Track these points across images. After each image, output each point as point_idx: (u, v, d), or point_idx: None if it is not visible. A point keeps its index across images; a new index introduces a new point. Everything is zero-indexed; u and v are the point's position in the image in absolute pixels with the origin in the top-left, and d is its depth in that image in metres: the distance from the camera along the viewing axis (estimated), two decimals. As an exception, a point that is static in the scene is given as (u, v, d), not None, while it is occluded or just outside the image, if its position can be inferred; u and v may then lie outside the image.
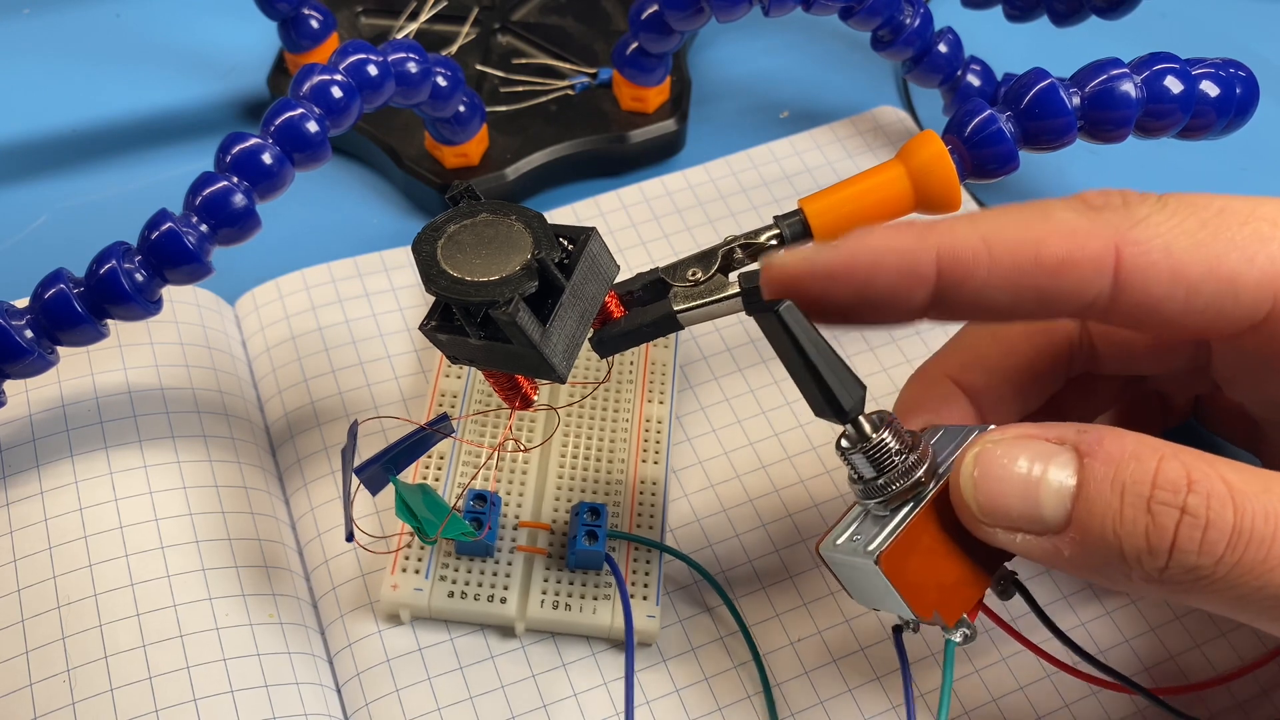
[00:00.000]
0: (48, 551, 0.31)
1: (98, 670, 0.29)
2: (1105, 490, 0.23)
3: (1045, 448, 0.24)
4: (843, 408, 0.25)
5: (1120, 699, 0.31)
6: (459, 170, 0.42)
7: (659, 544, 0.33)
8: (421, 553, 0.32)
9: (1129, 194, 0.26)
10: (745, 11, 0.37)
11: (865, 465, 0.26)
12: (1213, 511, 0.22)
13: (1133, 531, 0.23)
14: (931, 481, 0.26)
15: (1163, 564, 0.23)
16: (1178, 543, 0.22)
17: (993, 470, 0.24)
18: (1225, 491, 0.22)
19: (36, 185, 0.44)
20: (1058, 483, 0.24)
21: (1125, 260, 0.24)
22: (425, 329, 0.27)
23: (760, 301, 0.26)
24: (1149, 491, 0.23)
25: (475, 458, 0.34)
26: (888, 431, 0.26)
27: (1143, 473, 0.23)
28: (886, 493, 0.26)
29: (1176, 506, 0.22)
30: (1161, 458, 0.23)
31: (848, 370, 0.25)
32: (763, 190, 0.43)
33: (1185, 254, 0.24)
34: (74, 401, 0.34)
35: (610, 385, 0.36)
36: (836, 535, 0.27)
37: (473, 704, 0.31)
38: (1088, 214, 0.25)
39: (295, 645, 0.31)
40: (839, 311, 0.26)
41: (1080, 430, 0.24)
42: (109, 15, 0.50)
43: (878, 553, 0.25)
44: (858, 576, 0.26)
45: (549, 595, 0.32)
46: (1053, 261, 0.25)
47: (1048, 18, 0.41)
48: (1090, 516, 0.23)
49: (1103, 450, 0.23)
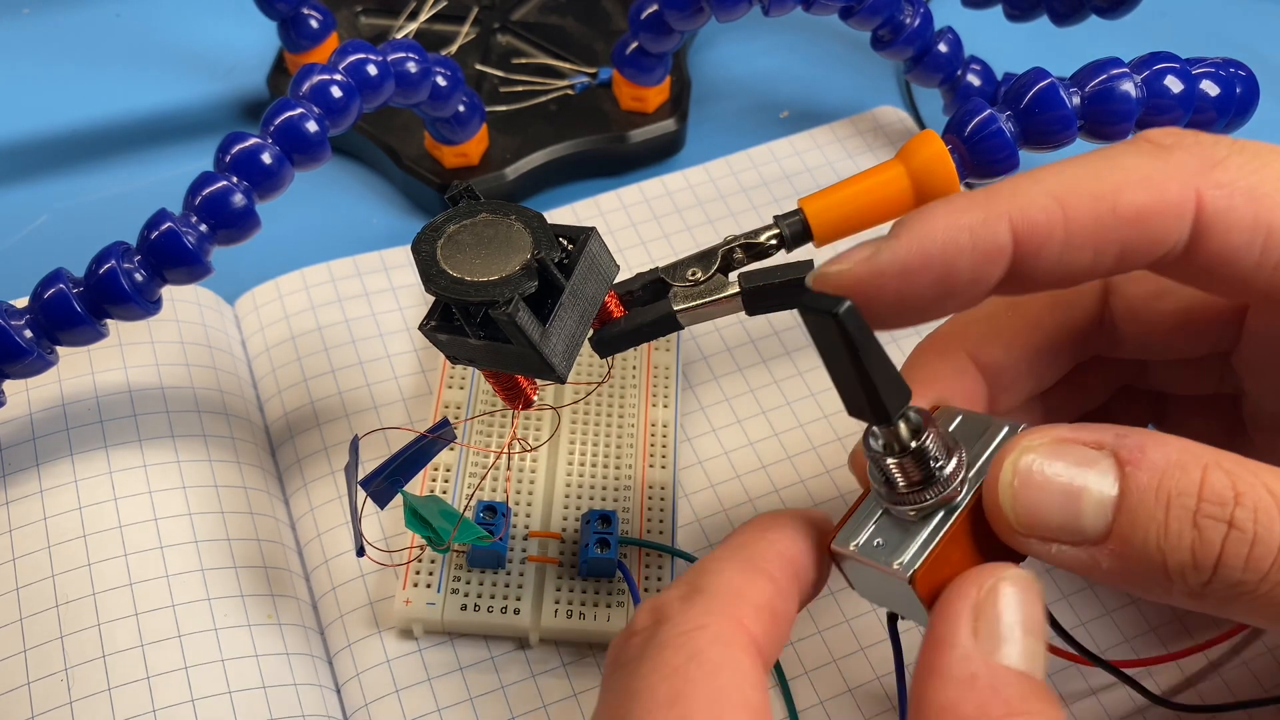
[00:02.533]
0: (46, 550, 0.31)
1: (95, 669, 0.29)
2: (1150, 501, 0.22)
3: (1085, 453, 0.23)
4: (887, 413, 0.23)
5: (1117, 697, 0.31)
6: (459, 170, 0.42)
7: (671, 548, 0.33)
8: (432, 566, 0.32)
9: (1200, 135, 0.24)
10: (745, 11, 0.37)
11: (899, 472, 0.24)
12: (1260, 526, 0.21)
13: (1178, 545, 0.22)
14: (965, 489, 0.24)
15: (1206, 579, 0.22)
16: (1223, 559, 0.21)
17: (1032, 480, 0.23)
18: (1271, 503, 0.21)
19: (36, 185, 0.44)
20: (1099, 492, 0.22)
21: (1207, 204, 0.23)
22: (425, 329, 0.27)
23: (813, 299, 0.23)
24: (1195, 504, 0.21)
25: (481, 468, 0.34)
26: (930, 437, 0.24)
27: (1189, 484, 0.22)
28: (920, 501, 0.24)
29: (1224, 520, 0.21)
30: (1206, 467, 0.22)
31: (895, 372, 0.23)
32: (762, 190, 0.43)
33: (1269, 201, 0.23)
34: (74, 400, 0.34)
35: (614, 390, 0.36)
36: (853, 533, 0.25)
37: (473, 705, 0.31)
38: (1160, 155, 0.23)
39: (293, 646, 0.31)
40: (916, 311, 0.24)
41: (1120, 434, 0.23)
42: (109, 15, 0.50)
43: (912, 571, 0.23)
44: (877, 582, 0.25)
45: (562, 604, 0.32)
46: (1131, 211, 0.23)
47: (1048, 17, 0.41)
48: (1133, 529, 0.22)
49: (1146, 459, 0.22)
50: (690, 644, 0.22)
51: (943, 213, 0.23)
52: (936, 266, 0.23)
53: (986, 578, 0.23)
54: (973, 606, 0.22)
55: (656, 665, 0.22)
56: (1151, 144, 0.24)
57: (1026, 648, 0.22)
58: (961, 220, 0.23)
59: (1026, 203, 0.23)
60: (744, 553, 0.24)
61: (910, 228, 0.23)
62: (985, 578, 0.23)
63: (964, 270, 0.23)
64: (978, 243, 0.23)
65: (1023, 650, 0.22)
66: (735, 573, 0.24)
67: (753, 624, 0.23)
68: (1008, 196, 0.23)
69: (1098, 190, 0.23)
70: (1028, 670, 0.22)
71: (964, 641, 0.22)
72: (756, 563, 0.24)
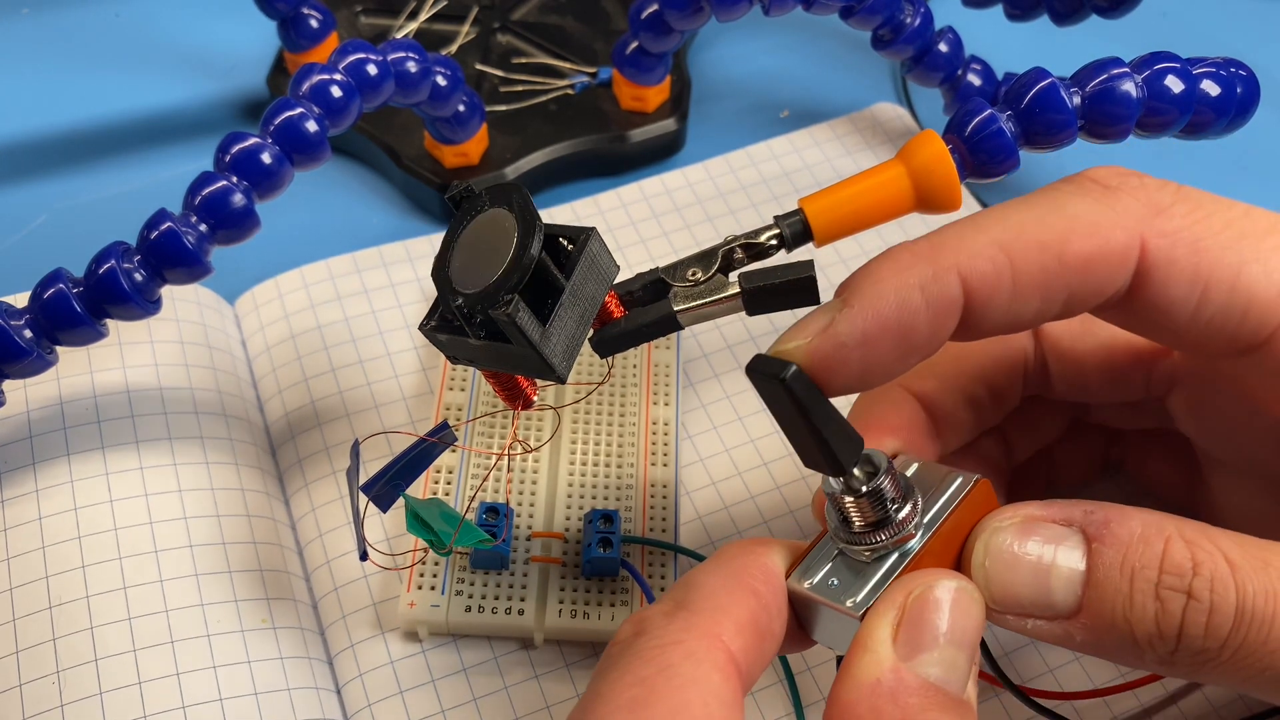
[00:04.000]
0: (41, 551, 0.31)
1: (88, 673, 0.29)
2: (1115, 576, 0.22)
3: (1054, 531, 0.23)
4: (840, 465, 0.24)
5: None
6: (459, 170, 0.42)
7: (674, 545, 0.33)
8: (436, 569, 0.32)
9: (1144, 178, 0.24)
10: (745, 11, 0.37)
11: (856, 512, 0.24)
12: (1216, 595, 0.22)
13: (1143, 617, 0.22)
14: (919, 533, 0.24)
15: (1172, 647, 0.22)
16: (1185, 628, 0.22)
17: (1003, 559, 0.23)
18: (1228, 572, 0.22)
19: (36, 185, 0.44)
20: (1068, 569, 0.23)
21: (1149, 252, 0.23)
22: (425, 329, 0.27)
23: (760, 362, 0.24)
24: (1156, 577, 0.22)
25: (483, 469, 0.34)
26: (885, 480, 0.24)
27: (1151, 557, 0.22)
28: (874, 542, 0.24)
29: (1183, 591, 0.22)
30: (1168, 539, 0.22)
31: (846, 425, 0.24)
32: (762, 188, 0.43)
33: (1211, 255, 0.23)
34: (72, 400, 0.34)
35: (615, 389, 0.36)
36: (808, 572, 0.25)
37: (475, 705, 0.31)
38: (1106, 200, 0.23)
39: (289, 650, 0.31)
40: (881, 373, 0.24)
41: (1087, 511, 0.23)
42: (108, 15, 0.50)
43: (863, 610, 0.23)
44: (829, 622, 0.25)
45: (566, 604, 0.32)
46: (1078, 261, 0.23)
47: (1048, 17, 0.41)
48: (1101, 603, 0.23)
49: (1110, 534, 0.23)
50: (662, 657, 0.22)
51: (890, 272, 0.23)
52: (894, 330, 0.23)
53: (918, 583, 0.23)
54: (897, 610, 0.23)
55: (624, 672, 0.22)
56: (1099, 185, 0.24)
57: (946, 658, 0.22)
58: (910, 279, 0.23)
59: (973, 254, 0.23)
60: (732, 567, 0.24)
61: (861, 294, 0.23)
62: (917, 583, 0.23)
63: (921, 329, 0.23)
64: (930, 300, 0.23)
65: (942, 660, 0.22)
66: (720, 588, 0.24)
67: (732, 641, 0.23)
68: (953, 248, 0.23)
69: (1044, 239, 0.23)
70: (941, 680, 0.22)
71: (877, 645, 0.22)
72: (743, 578, 0.24)
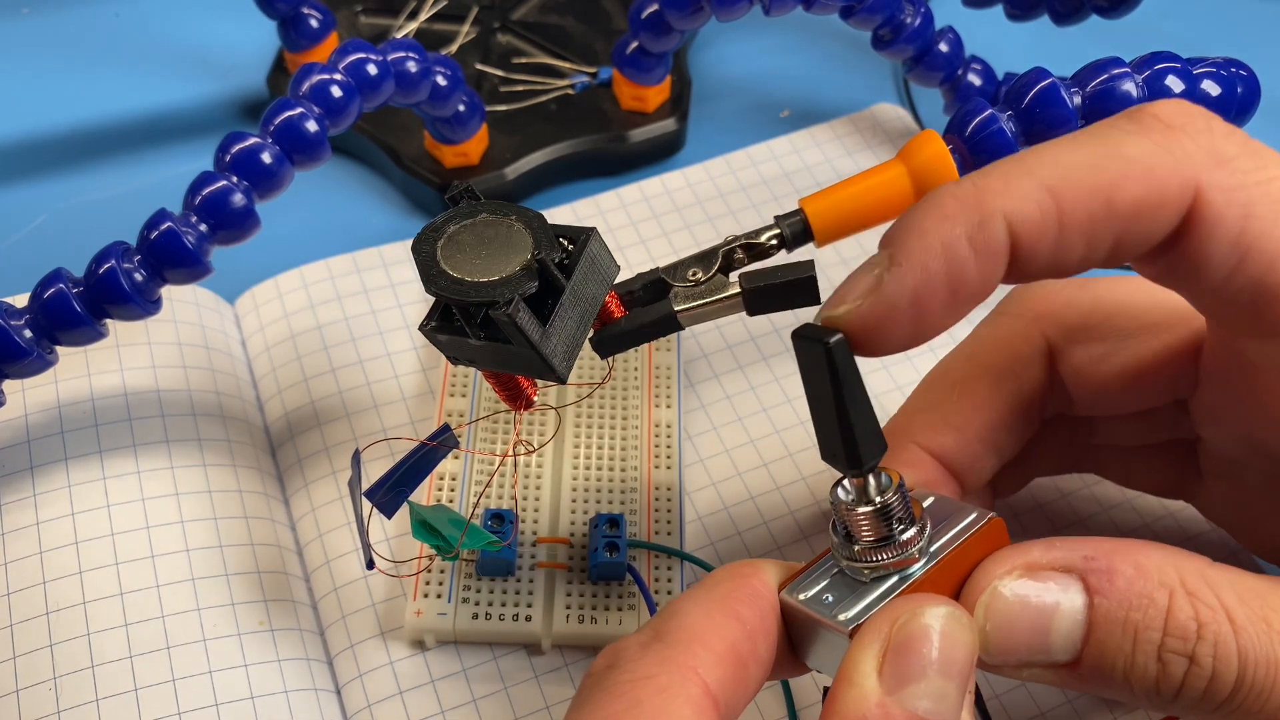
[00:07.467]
0: (38, 556, 0.31)
1: (84, 679, 0.29)
2: (1117, 634, 0.22)
3: (1052, 581, 0.23)
4: (860, 460, 0.23)
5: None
6: (459, 170, 0.42)
7: (679, 551, 0.33)
8: (442, 576, 0.32)
9: (1212, 119, 0.23)
10: (745, 10, 0.37)
11: (861, 527, 0.24)
12: (1219, 662, 0.22)
13: (1144, 676, 0.22)
14: (922, 559, 0.24)
15: (1168, 702, 0.22)
16: (1184, 691, 0.22)
17: (1002, 616, 0.23)
18: (1230, 636, 0.22)
19: (36, 185, 0.44)
20: (1069, 621, 0.22)
21: (1200, 205, 0.22)
22: (425, 330, 0.27)
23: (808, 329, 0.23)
24: (1160, 639, 0.22)
25: (486, 475, 0.34)
26: (895, 496, 0.23)
27: (1155, 616, 0.22)
28: (875, 561, 0.23)
29: (1186, 655, 0.22)
30: (1172, 594, 0.22)
31: (875, 422, 0.23)
32: (762, 188, 0.43)
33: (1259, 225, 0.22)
34: (70, 402, 0.34)
35: (616, 391, 0.36)
36: (803, 586, 0.24)
37: (475, 706, 0.31)
38: (1166, 143, 0.22)
39: (286, 652, 0.31)
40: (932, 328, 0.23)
41: (1088, 557, 0.23)
42: (108, 15, 0.49)
43: (853, 627, 0.23)
44: (820, 641, 0.24)
45: (573, 610, 0.32)
46: (1128, 207, 0.22)
47: (1048, 17, 0.41)
48: (1101, 658, 0.22)
49: (1114, 588, 0.22)
50: (632, 693, 0.21)
51: (935, 221, 0.22)
52: (944, 285, 0.22)
53: (904, 610, 0.22)
54: (883, 640, 0.22)
55: (595, 708, 0.21)
56: (1160, 123, 0.22)
57: (935, 689, 0.21)
58: (957, 230, 0.22)
59: (1021, 197, 0.22)
60: (716, 593, 0.24)
61: (908, 249, 0.22)
62: (903, 610, 0.22)
63: (971, 280, 0.22)
64: (979, 250, 0.22)
65: (931, 692, 0.21)
66: (700, 616, 0.23)
67: (709, 673, 0.22)
68: (999, 191, 0.22)
69: (1095, 183, 0.22)
70: (931, 714, 0.21)
71: (862, 679, 0.21)
72: (727, 604, 0.23)
